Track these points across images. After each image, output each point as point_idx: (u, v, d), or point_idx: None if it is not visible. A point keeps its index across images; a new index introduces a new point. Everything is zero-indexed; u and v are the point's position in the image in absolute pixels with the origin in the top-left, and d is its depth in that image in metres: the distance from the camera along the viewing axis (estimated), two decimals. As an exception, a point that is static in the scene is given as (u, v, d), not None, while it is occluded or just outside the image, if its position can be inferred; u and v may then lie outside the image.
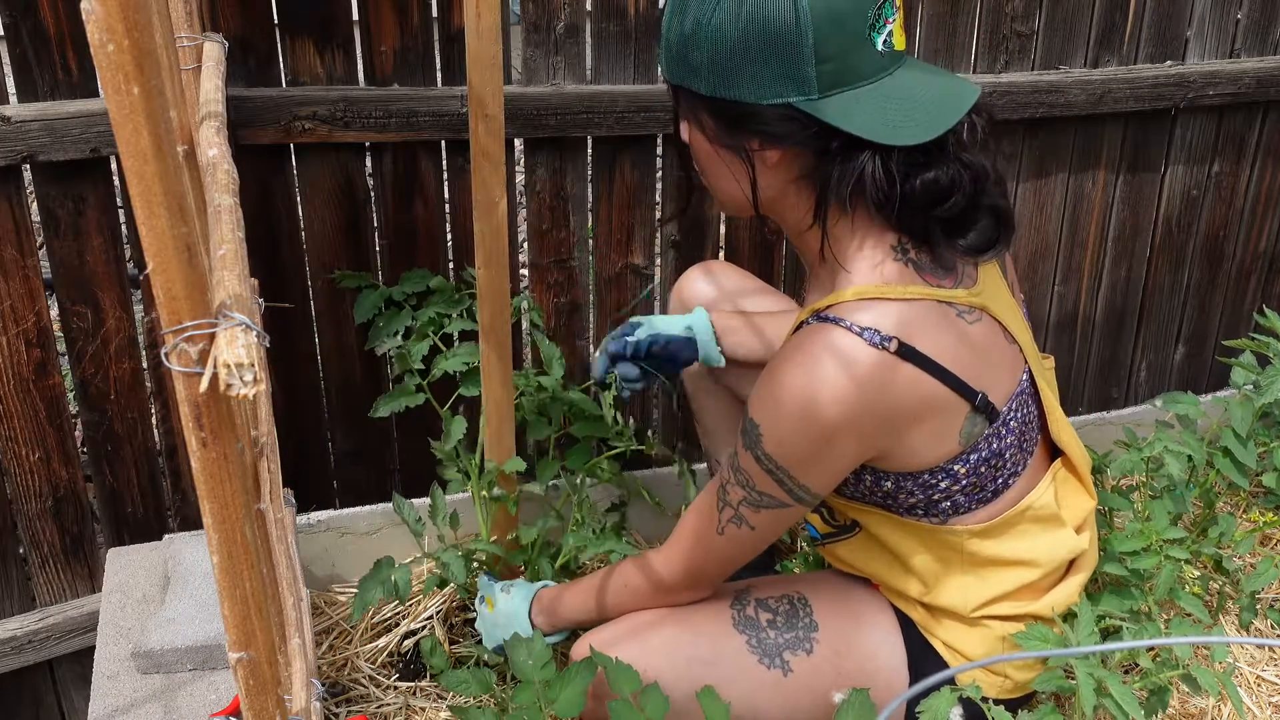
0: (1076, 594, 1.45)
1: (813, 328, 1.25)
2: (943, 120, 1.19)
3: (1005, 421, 1.33)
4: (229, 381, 0.61)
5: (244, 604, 0.75)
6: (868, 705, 1.20)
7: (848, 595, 1.46)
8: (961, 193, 1.23)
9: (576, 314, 2.02)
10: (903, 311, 1.23)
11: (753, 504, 1.32)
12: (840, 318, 1.23)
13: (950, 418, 1.28)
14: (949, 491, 1.33)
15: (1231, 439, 1.91)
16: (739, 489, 1.32)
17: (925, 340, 1.23)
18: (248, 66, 1.69)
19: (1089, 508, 1.47)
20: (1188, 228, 2.38)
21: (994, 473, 1.34)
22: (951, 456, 1.30)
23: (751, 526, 1.33)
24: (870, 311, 1.23)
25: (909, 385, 1.23)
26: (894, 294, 1.24)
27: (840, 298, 1.26)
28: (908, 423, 1.25)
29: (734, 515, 1.34)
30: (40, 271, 1.65)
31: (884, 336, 1.21)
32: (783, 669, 1.39)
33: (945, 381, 1.25)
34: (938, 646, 1.41)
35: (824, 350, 1.22)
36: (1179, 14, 2.19)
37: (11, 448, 1.69)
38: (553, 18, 1.82)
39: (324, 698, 1.66)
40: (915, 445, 1.28)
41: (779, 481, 1.28)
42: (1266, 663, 1.93)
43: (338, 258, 1.84)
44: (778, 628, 1.41)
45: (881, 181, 1.20)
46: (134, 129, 0.57)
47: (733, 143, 1.25)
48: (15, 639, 1.77)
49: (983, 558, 1.37)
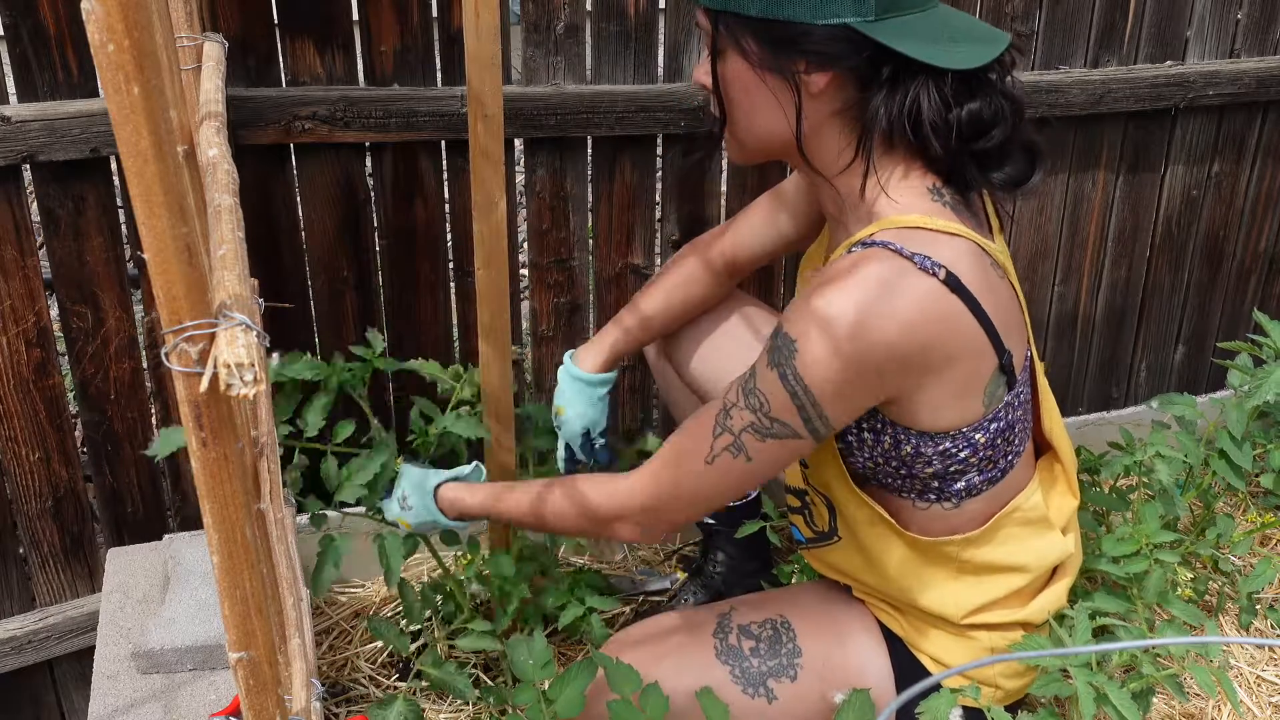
0: (1063, 598, 1.44)
1: (862, 252, 1.21)
2: (989, 50, 1.20)
3: (1018, 392, 1.30)
4: (229, 381, 0.61)
5: (244, 604, 0.75)
6: (868, 705, 1.20)
7: (832, 614, 1.45)
8: (1004, 124, 1.22)
9: (577, 314, 2.02)
10: (947, 245, 1.21)
11: (759, 431, 1.24)
12: (889, 241, 1.20)
13: (981, 367, 1.24)
14: (966, 464, 1.29)
15: (1227, 441, 1.90)
16: (747, 413, 1.24)
17: (968, 278, 1.21)
18: (248, 66, 1.70)
19: (1073, 508, 1.46)
20: (1188, 228, 2.38)
21: (1006, 447, 1.31)
22: (973, 421, 1.27)
23: (749, 458, 1.25)
24: (918, 239, 1.20)
25: (954, 318, 1.20)
26: (938, 226, 1.22)
27: (884, 225, 1.23)
28: (943, 362, 1.21)
29: (732, 443, 1.25)
30: (40, 271, 1.65)
31: (934, 263, 1.19)
32: (767, 697, 1.38)
33: (983, 325, 1.22)
34: (925, 661, 1.40)
35: (875, 271, 1.18)
36: (1179, 14, 2.19)
37: (11, 448, 1.69)
38: (553, 18, 1.82)
39: (324, 698, 1.66)
40: (942, 394, 1.23)
41: (800, 407, 1.21)
42: (1266, 663, 1.93)
43: (338, 258, 1.84)
44: (761, 655, 1.39)
45: (938, 106, 1.19)
46: (134, 129, 0.57)
47: (779, 66, 1.21)
48: (15, 639, 1.77)
49: (975, 564, 1.36)
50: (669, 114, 1.88)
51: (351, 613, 1.94)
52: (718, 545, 1.92)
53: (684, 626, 1.44)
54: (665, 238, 2.03)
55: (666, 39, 1.90)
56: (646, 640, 1.43)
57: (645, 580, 2.03)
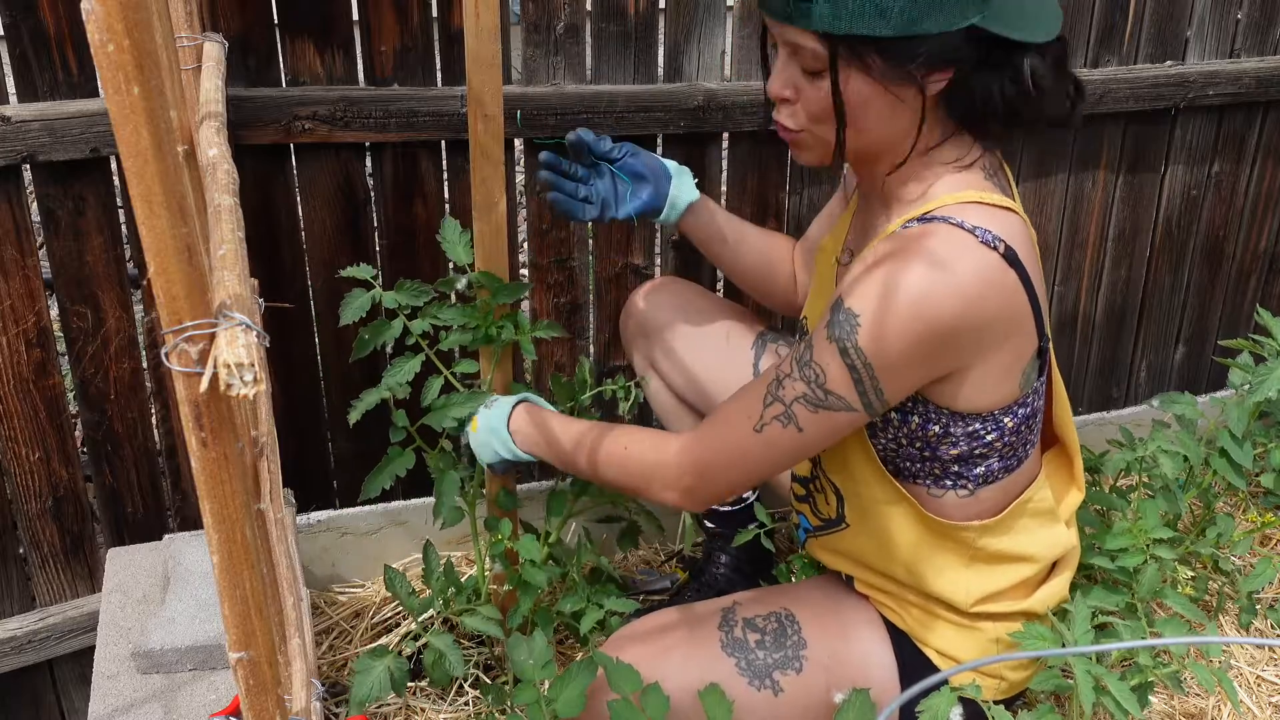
0: (1065, 590, 1.45)
1: (924, 226, 1.21)
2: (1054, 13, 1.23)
3: (1043, 380, 1.31)
4: (229, 381, 0.61)
5: (244, 604, 0.75)
6: (868, 705, 1.20)
7: (837, 608, 1.45)
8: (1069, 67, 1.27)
9: (577, 314, 2.02)
10: (1004, 220, 1.22)
11: (812, 403, 1.23)
12: (949, 216, 1.21)
13: (1025, 348, 1.25)
14: (990, 448, 1.29)
15: (1228, 440, 1.91)
16: (800, 384, 1.23)
17: (1023, 253, 1.22)
18: (248, 66, 1.70)
19: (1076, 502, 1.47)
20: (1188, 228, 2.38)
21: (1028, 434, 1.32)
22: (1007, 403, 1.27)
23: (800, 428, 1.25)
24: (976, 213, 1.21)
25: (1011, 294, 1.20)
26: (993, 201, 1.23)
27: (943, 201, 1.24)
28: (996, 340, 1.22)
29: (783, 412, 1.25)
30: (40, 271, 1.65)
31: (995, 236, 1.19)
32: (773, 689, 1.38)
33: (1033, 304, 1.23)
34: (930, 655, 1.40)
35: (941, 245, 1.18)
36: (1179, 14, 2.19)
37: (11, 448, 1.69)
38: (553, 18, 1.82)
39: (324, 698, 1.66)
40: (990, 373, 1.24)
41: (857, 381, 1.20)
42: (1266, 663, 1.93)
43: (338, 258, 1.84)
44: (766, 647, 1.40)
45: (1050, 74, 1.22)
46: (134, 129, 0.57)
47: (903, 74, 1.21)
48: (15, 639, 1.77)
49: (988, 553, 1.37)
50: (669, 114, 1.88)
51: (351, 613, 1.94)
52: (718, 548, 1.92)
53: (688, 621, 1.44)
54: (665, 238, 2.03)
55: (666, 39, 1.90)
56: (650, 635, 1.43)
57: (646, 580, 2.03)
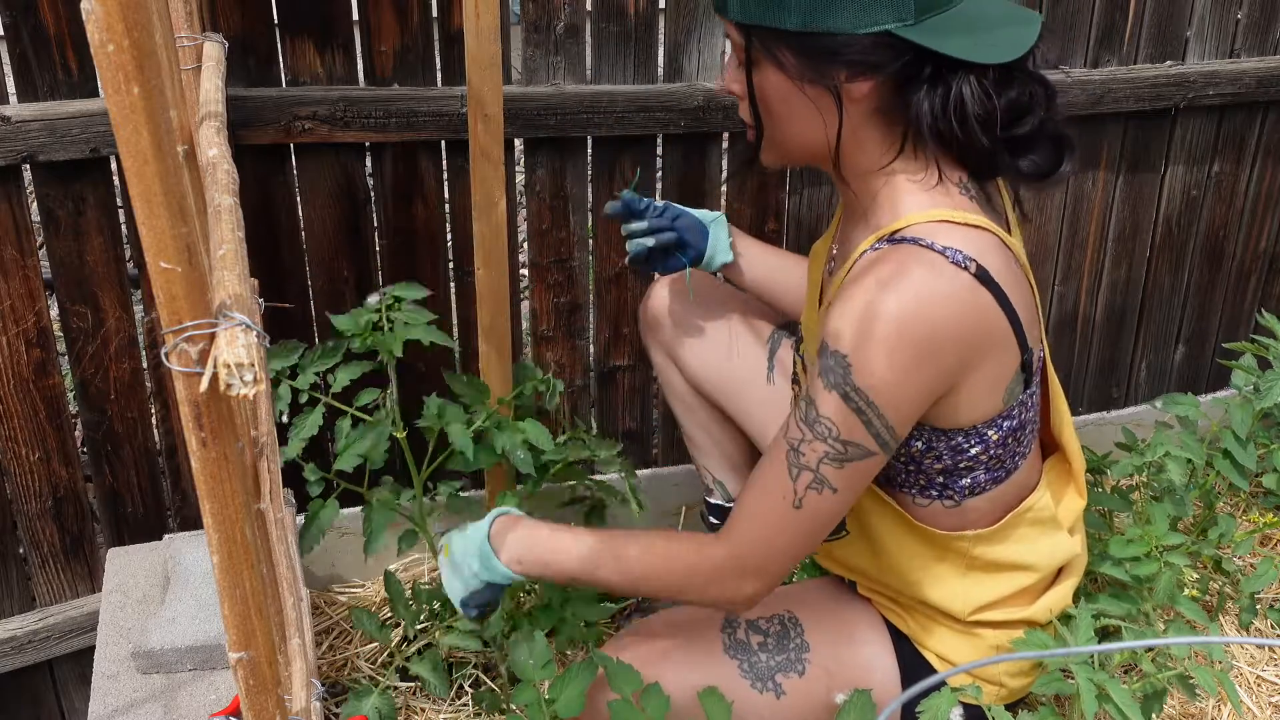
0: (1068, 598, 1.44)
1: (891, 249, 1.20)
2: (1025, 33, 1.19)
3: (1032, 393, 1.30)
4: (229, 381, 0.61)
5: (244, 604, 0.75)
6: (869, 706, 1.20)
7: (839, 611, 1.45)
8: (1038, 110, 1.22)
9: (577, 314, 2.02)
10: (976, 239, 1.20)
11: (836, 459, 1.21)
12: (918, 237, 1.19)
13: (1007, 364, 1.23)
14: (975, 461, 1.29)
15: (1231, 441, 1.91)
16: (818, 444, 1.21)
17: (996, 271, 1.20)
18: (248, 66, 1.69)
19: (1080, 509, 1.46)
20: (1188, 228, 2.38)
21: (1016, 446, 1.31)
22: (990, 417, 1.26)
23: (834, 488, 1.22)
24: (945, 232, 1.19)
25: (987, 312, 1.19)
26: (963, 219, 1.21)
27: (911, 220, 1.22)
28: (978, 358, 1.20)
29: (814, 479, 1.22)
30: (40, 271, 1.65)
31: (965, 256, 1.18)
32: (775, 692, 1.38)
33: (1011, 321, 1.21)
34: (930, 659, 1.40)
35: (911, 269, 1.17)
36: (1179, 14, 2.19)
37: (11, 448, 1.69)
38: (553, 18, 1.82)
39: (324, 698, 1.66)
40: (970, 393, 1.23)
41: (867, 423, 1.19)
42: (1266, 663, 1.93)
43: (337, 258, 1.84)
44: (769, 650, 1.39)
45: (981, 99, 1.17)
46: (134, 129, 0.57)
47: (818, 77, 1.19)
48: (15, 639, 1.77)
49: (985, 562, 1.36)
50: (669, 114, 1.88)
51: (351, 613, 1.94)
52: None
53: (690, 622, 1.44)
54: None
55: (666, 39, 1.90)
56: (652, 636, 1.43)
57: None
